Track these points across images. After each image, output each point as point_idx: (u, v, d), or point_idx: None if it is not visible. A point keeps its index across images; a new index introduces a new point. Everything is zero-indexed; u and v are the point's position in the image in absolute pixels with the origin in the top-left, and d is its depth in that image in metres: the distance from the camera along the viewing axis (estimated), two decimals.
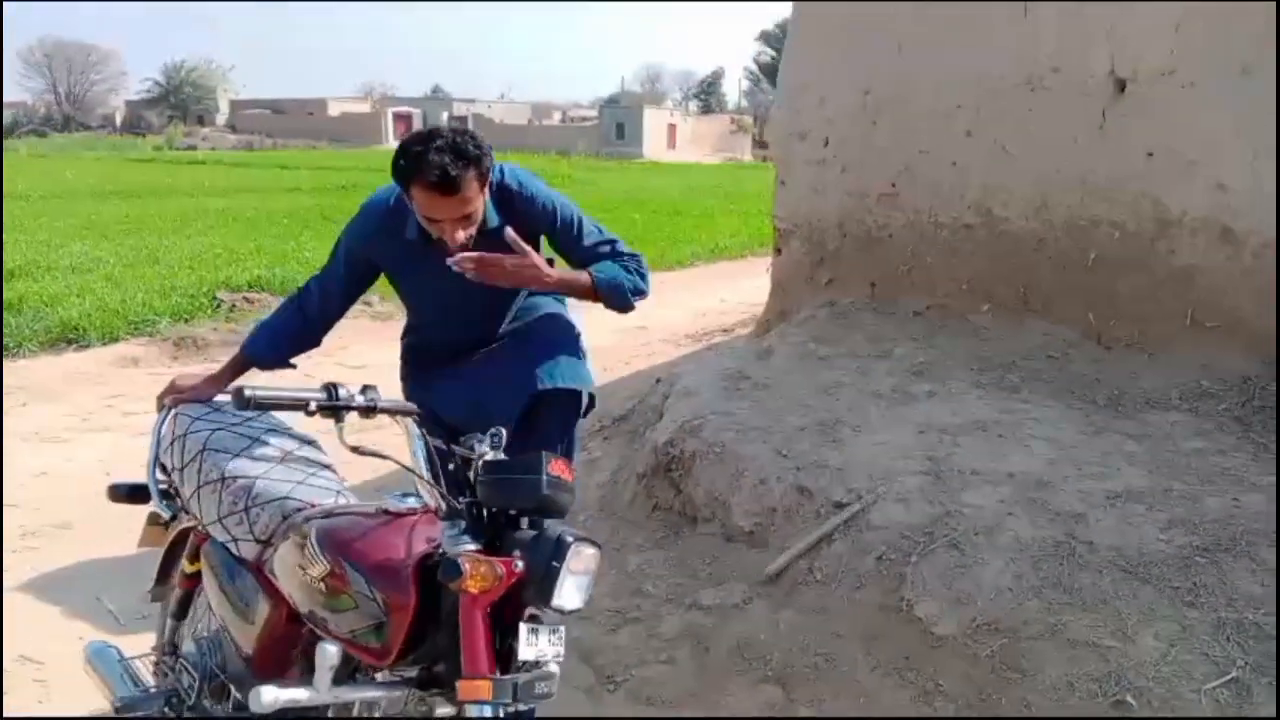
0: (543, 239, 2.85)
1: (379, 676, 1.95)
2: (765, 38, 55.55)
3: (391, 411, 1.88)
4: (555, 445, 2.72)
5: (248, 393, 1.74)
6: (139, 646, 3.39)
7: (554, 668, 1.78)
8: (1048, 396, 3.87)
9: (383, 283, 2.92)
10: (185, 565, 2.56)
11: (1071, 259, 4.10)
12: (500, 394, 2.79)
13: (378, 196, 2.80)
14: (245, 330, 8.85)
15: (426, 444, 1.89)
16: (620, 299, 2.79)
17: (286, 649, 2.19)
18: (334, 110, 55.24)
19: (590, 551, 1.78)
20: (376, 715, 1.98)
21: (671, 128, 51.35)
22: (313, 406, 1.79)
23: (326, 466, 2.52)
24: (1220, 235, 3.76)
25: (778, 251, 5.18)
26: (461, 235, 2.56)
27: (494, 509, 1.82)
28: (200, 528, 2.48)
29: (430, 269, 2.70)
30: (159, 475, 2.68)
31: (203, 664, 2.50)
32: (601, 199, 21.60)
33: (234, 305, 9.44)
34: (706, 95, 63.28)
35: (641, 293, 2.82)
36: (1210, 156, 3.77)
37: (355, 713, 1.96)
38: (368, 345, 8.09)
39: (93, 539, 4.25)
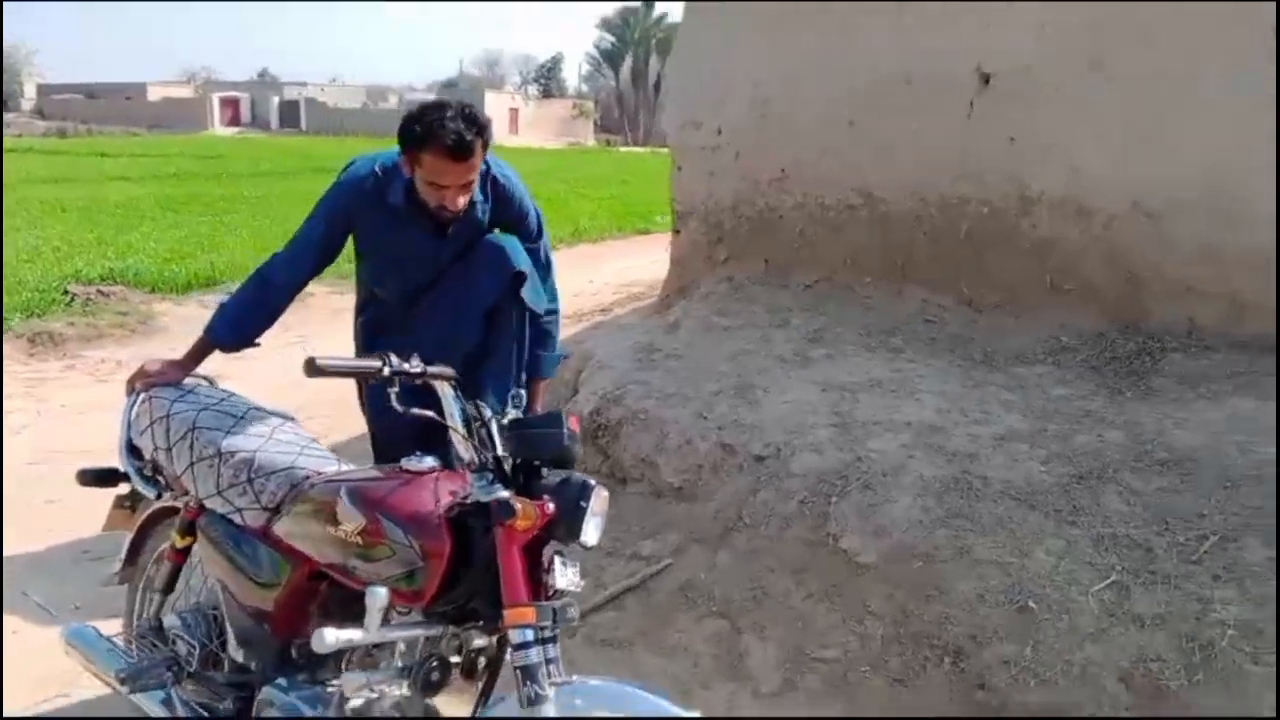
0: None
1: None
2: (606, 24, 56.02)
3: (434, 376, 2.09)
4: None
5: (320, 362, 1.94)
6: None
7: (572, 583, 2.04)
8: (929, 356, 4.33)
9: None
10: (176, 540, 2.66)
11: (945, 234, 4.58)
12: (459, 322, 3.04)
13: (360, 164, 2.97)
14: (103, 325, 8.67)
15: (462, 404, 2.11)
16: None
17: (306, 604, 2.36)
18: (154, 95, 52.63)
19: (606, 494, 2.05)
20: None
21: (513, 112, 51.27)
22: (387, 372, 1.99)
23: (313, 440, 2.68)
24: (1075, 210, 4.29)
25: (676, 232, 5.50)
26: (462, 201, 2.77)
27: (519, 460, 2.06)
28: (192, 503, 2.60)
29: (409, 236, 2.91)
30: (131, 458, 2.79)
31: (201, 631, 2.64)
32: None
33: (88, 299, 9.12)
34: (547, 80, 63.30)
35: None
36: (1065, 141, 4.29)
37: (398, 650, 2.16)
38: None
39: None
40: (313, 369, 1.94)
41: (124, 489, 2.93)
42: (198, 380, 2.86)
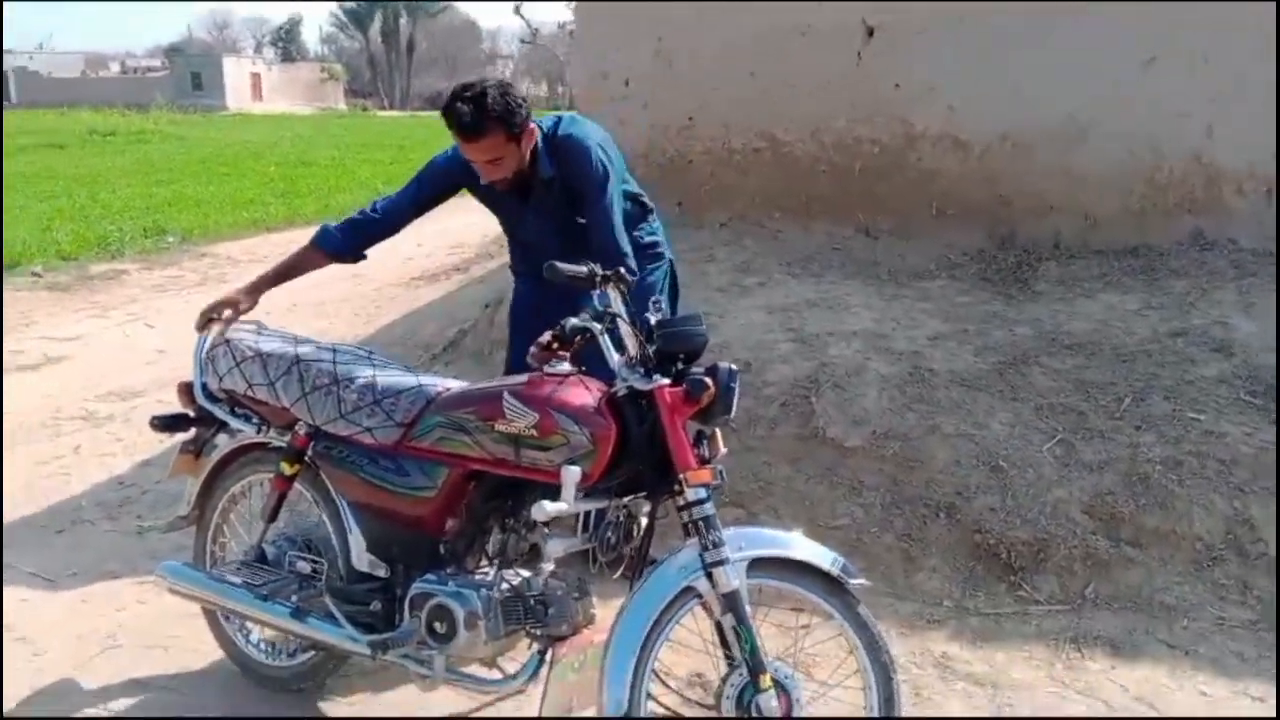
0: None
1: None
2: None
3: (619, 279, 2.40)
4: None
5: (558, 265, 2.32)
6: (88, 596, 3.51)
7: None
8: (845, 278, 4.91)
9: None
10: (285, 468, 2.79)
11: (842, 171, 5.16)
12: None
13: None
14: None
15: (629, 306, 2.44)
16: None
17: (457, 503, 2.61)
18: None
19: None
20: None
21: (255, 77, 48.71)
22: (601, 274, 2.36)
23: (408, 365, 2.91)
24: (953, 144, 4.97)
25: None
26: (496, 174, 2.94)
27: (668, 353, 2.37)
28: (302, 431, 2.77)
29: (502, 206, 3.18)
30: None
31: (327, 548, 2.81)
32: (204, 154, 20.61)
33: None
34: (286, 43, 60.30)
35: None
36: (942, 84, 4.95)
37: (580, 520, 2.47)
38: (50, 316, 7.79)
39: None
40: (552, 270, 2.32)
41: (190, 435, 3.03)
42: (250, 324, 3.00)
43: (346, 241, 3.09)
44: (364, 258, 3.16)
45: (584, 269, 2.37)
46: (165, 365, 6.30)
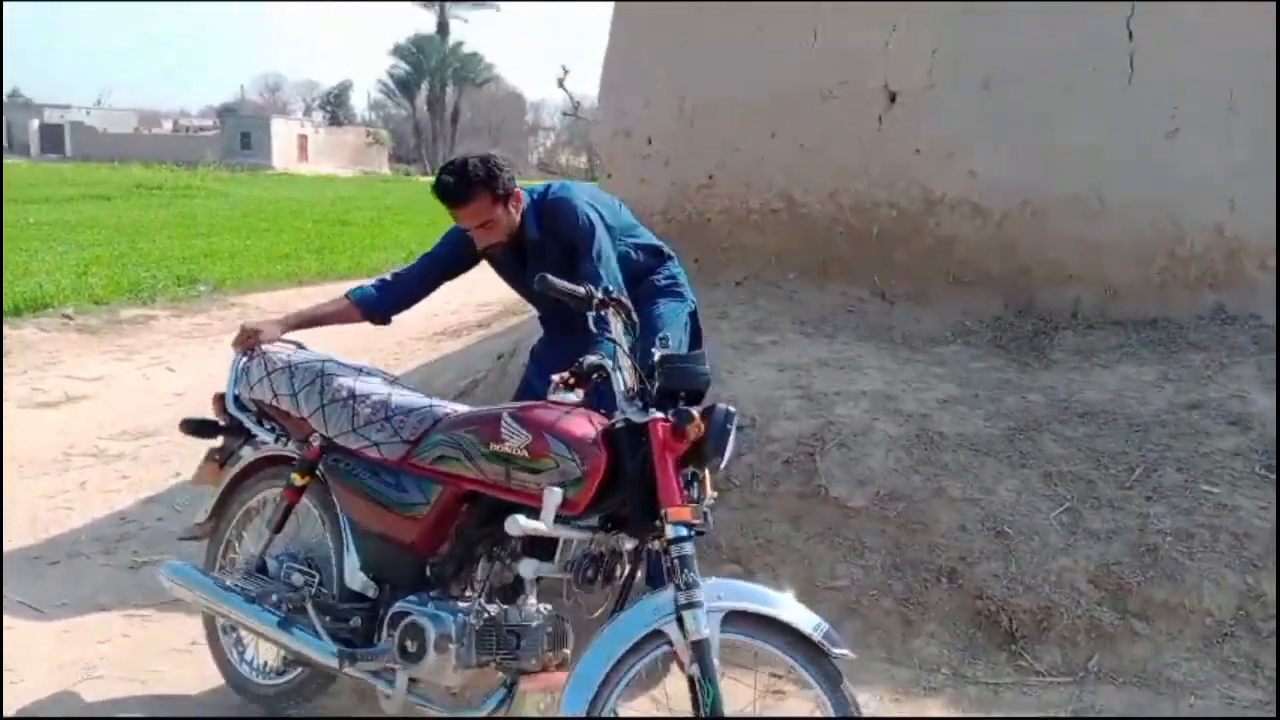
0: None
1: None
2: (399, 51, 55.17)
3: (618, 303, 2.44)
4: None
5: (549, 279, 2.37)
6: (74, 627, 3.48)
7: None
8: (858, 340, 4.86)
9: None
10: (295, 479, 2.83)
11: (859, 234, 5.14)
12: None
13: None
14: None
15: (632, 338, 2.44)
16: None
17: (448, 524, 2.59)
18: None
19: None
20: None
21: (302, 139, 49.88)
22: (599, 298, 2.40)
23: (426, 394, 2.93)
24: (972, 210, 4.94)
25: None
26: (487, 238, 3.06)
27: (668, 390, 2.35)
28: (316, 443, 2.78)
29: (505, 267, 3.31)
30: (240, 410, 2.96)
31: (312, 565, 2.81)
32: (245, 210, 20.99)
33: None
34: (334, 107, 61.75)
35: None
36: (962, 150, 4.94)
37: (559, 548, 2.42)
38: (76, 357, 7.90)
39: None
40: (542, 282, 2.37)
41: (217, 444, 3.11)
42: (290, 344, 3.08)
43: (382, 301, 3.23)
44: (390, 321, 3.28)
45: (581, 288, 2.38)
46: (181, 407, 6.31)
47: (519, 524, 2.24)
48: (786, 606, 2.24)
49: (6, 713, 2.91)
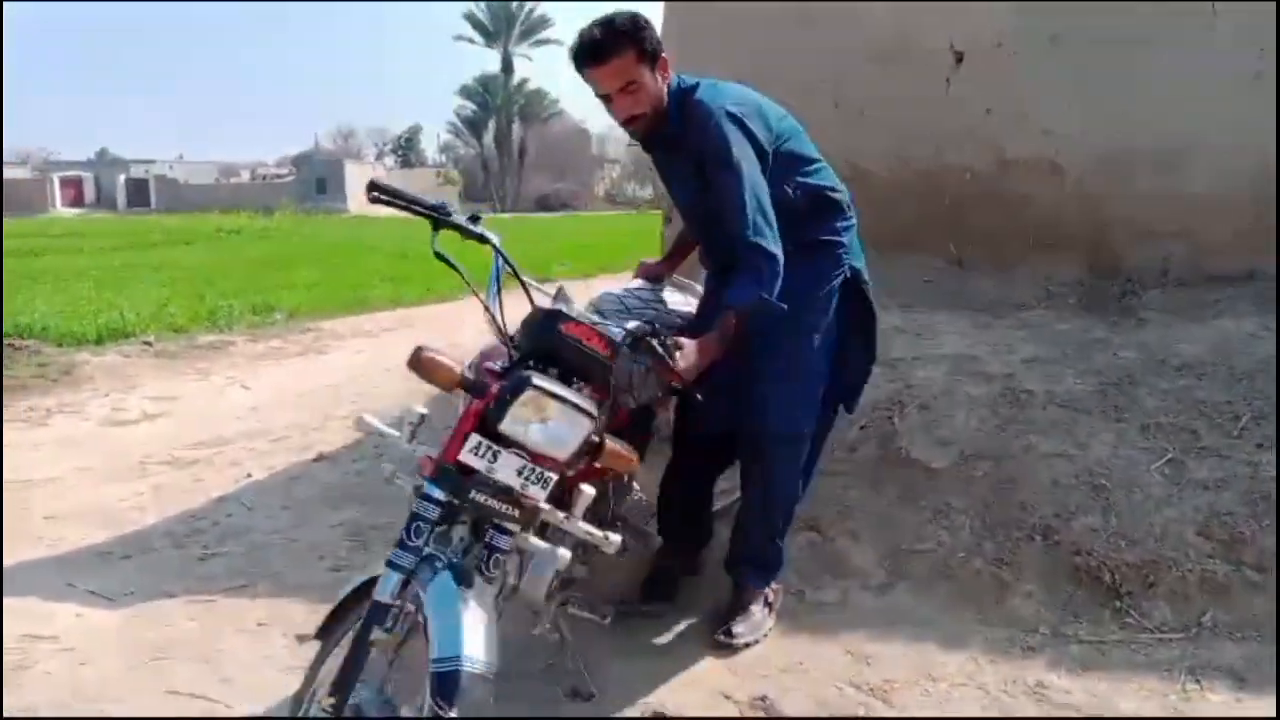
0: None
1: None
2: (466, 92, 56.11)
3: (477, 234, 2.30)
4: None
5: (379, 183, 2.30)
6: (142, 613, 3.42)
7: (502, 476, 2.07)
8: (935, 309, 4.65)
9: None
10: None
11: (930, 200, 4.94)
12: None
13: None
14: (24, 376, 8.36)
15: (499, 276, 2.30)
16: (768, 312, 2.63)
17: None
18: None
19: (543, 400, 2.05)
20: None
21: None
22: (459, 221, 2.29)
23: None
24: (1048, 170, 4.72)
25: (668, 220, 5.73)
26: (626, 106, 2.64)
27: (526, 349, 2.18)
28: None
29: (662, 170, 2.99)
30: None
31: None
32: (320, 248, 21.38)
33: None
34: (405, 150, 62.95)
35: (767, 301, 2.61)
36: (1034, 109, 4.73)
37: None
38: (155, 379, 8.00)
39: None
40: (371, 188, 2.29)
41: None
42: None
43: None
44: None
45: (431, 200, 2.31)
46: (254, 420, 6.38)
47: None
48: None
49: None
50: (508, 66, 55.75)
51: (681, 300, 3.11)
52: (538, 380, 2.05)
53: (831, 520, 3.46)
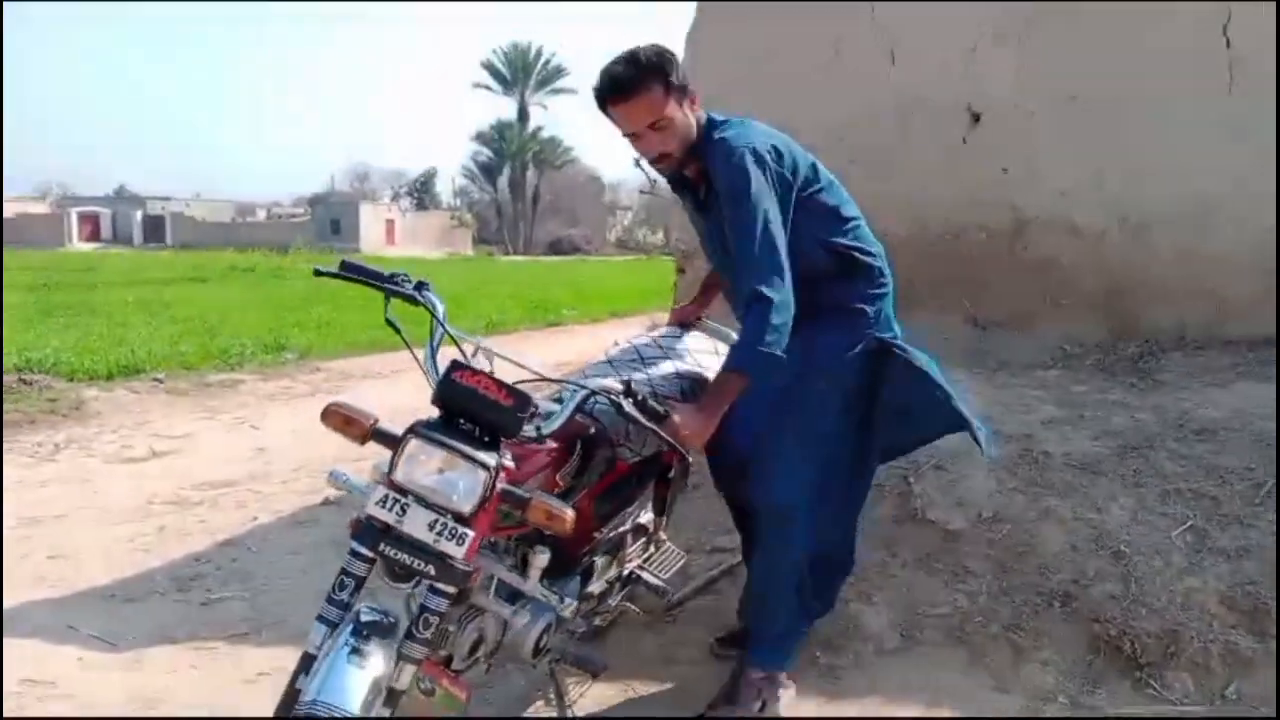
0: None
1: None
2: (481, 138, 56.77)
3: (420, 303, 2.41)
4: None
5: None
6: (143, 659, 3.36)
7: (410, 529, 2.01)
8: (951, 367, 4.61)
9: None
10: None
11: (946, 259, 4.94)
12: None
13: None
14: (33, 411, 8.36)
15: (436, 337, 2.37)
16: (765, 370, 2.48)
17: None
18: (7, 211, 50.58)
19: (429, 449, 2.00)
20: None
21: (390, 223, 51.47)
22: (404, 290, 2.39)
23: None
24: (1066, 230, 4.72)
25: (680, 271, 5.73)
26: (658, 146, 2.52)
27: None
28: None
29: (694, 217, 2.82)
30: None
31: None
32: (334, 289, 21.34)
33: (10, 388, 8.77)
34: (420, 193, 63.47)
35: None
36: (1052, 168, 4.74)
37: None
38: (165, 417, 7.98)
39: (7, 590, 4.01)
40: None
41: None
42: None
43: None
44: None
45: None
46: (261, 461, 6.35)
47: None
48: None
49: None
50: (523, 114, 56.46)
51: (709, 347, 3.02)
52: (424, 429, 2.02)
53: (850, 581, 3.39)
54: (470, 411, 2.03)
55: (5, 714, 3.02)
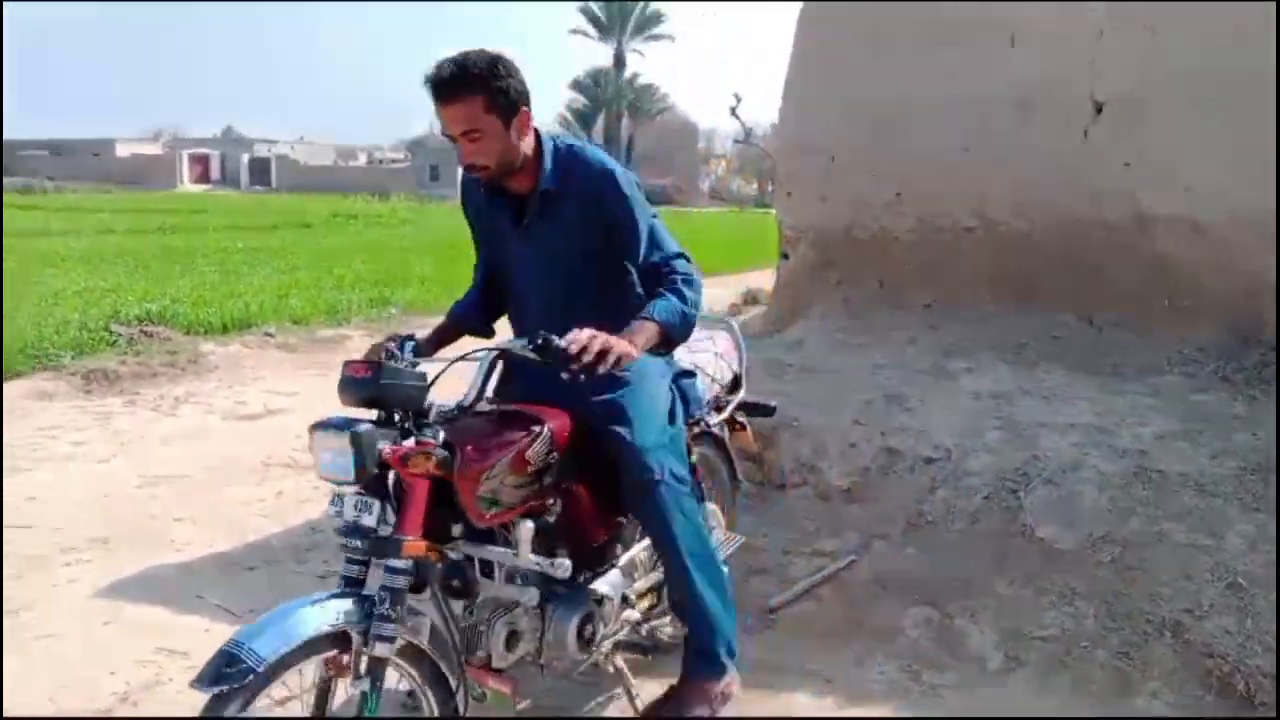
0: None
1: None
2: (578, 85, 56.63)
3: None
4: None
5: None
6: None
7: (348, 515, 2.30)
8: (1062, 369, 4.53)
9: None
10: None
11: (1062, 254, 4.82)
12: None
13: None
14: (155, 363, 8.72)
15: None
16: (682, 337, 2.51)
17: None
18: (122, 152, 52.32)
19: (319, 438, 2.20)
20: None
21: None
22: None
23: None
24: (1190, 228, 4.55)
25: (784, 256, 5.71)
26: (472, 155, 2.42)
27: None
28: None
29: (501, 238, 2.67)
30: None
31: None
32: (434, 239, 21.77)
33: (132, 338, 9.14)
34: None
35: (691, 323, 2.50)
36: (1178, 164, 4.56)
37: None
38: (276, 373, 8.23)
39: (137, 552, 4.24)
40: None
41: None
42: None
43: (471, 311, 2.91)
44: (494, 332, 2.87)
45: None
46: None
47: None
48: None
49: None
50: (620, 61, 56.05)
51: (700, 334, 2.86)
52: (318, 421, 2.19)
53: (950, 596, 3.39)
54: (368, 399, 2.18)
55: (142, 679, 3.19)
